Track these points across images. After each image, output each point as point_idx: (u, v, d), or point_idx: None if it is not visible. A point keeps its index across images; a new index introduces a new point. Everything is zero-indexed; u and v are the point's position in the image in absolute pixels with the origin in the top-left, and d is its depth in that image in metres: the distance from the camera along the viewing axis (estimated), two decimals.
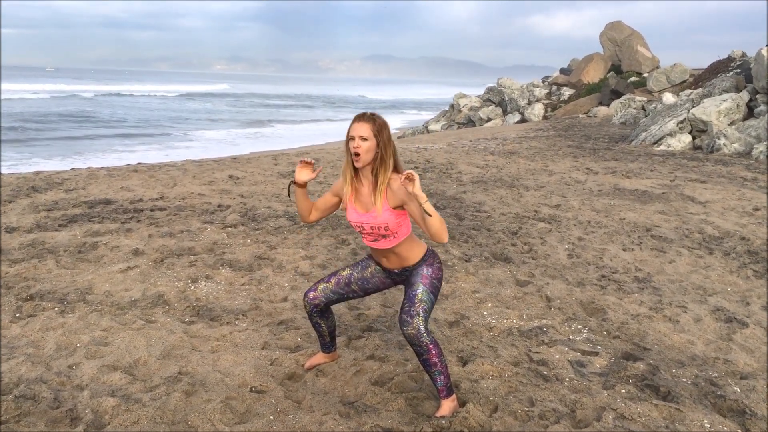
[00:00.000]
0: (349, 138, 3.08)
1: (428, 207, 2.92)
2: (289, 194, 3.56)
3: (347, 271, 3.44)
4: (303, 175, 3.23)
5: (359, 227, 3.20)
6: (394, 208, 3.09)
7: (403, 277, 3.31)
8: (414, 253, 3.24)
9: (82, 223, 6.82)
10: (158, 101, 55.15)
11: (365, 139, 3.03)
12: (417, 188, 2.87)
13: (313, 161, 3.23)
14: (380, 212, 3.08)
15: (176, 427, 3.05)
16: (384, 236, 3.17)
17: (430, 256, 3.27)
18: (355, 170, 3.15)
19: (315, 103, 65.21)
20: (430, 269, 3.24)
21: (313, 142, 21.64)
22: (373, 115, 3.11)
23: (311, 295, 3.44)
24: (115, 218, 7.07)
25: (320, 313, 3.49)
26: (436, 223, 2.95)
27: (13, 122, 28.72)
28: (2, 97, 42.88)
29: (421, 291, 3.16)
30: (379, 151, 3.06)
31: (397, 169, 3.12)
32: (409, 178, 2.87)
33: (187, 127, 32.10)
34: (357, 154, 3.04)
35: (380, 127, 3.06)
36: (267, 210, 7.67)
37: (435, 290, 3.21)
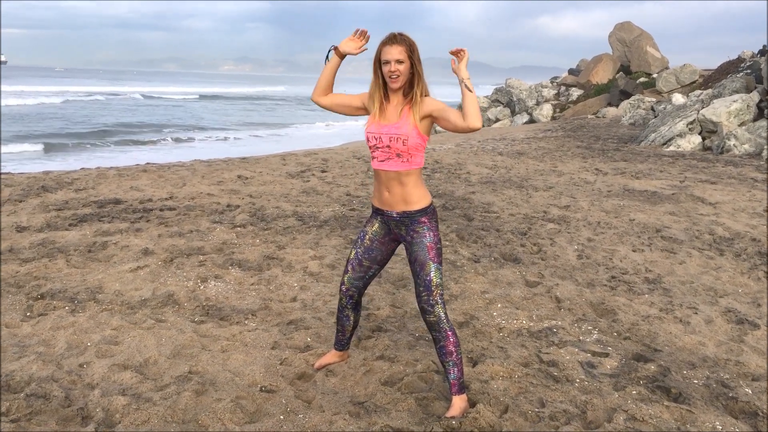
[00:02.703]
0: (383, 62, 3.04)
1: (469, 83, 2.93)
2: (327, 57, 3.26)
3: (353, 253, 3.42)
4: (349, 45, 3.18)
5: (376, 139, 3.10)
6: (420, 123, 3.05)
7: (402, 229, 3.21)
8: (417, 193, 3.15)
9: (92, 222, 6.85)
10: (227, 103, 53.80)
11: (401, 62, 3.02)
12: (464, 65, 2.96)
13: (367, 35, 3.18)
14: (406, 123, 3.04)
15: (186, 427, 3.06)
16: (398, 154, 3.07)
17: (431, 211, 3.20)
18: (385, 93, 3.12)
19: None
20: (431, 233, 3.17)
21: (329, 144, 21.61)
22: (402, 35, 3.07)
23: (344, 288, 3.46)
24: (124, 218, 7.10)
25: (354, 305, 3.51)
26: (475, 101, 2.92)
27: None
28: (46, 101, 42.69)
29: (433, 272, 3.14)
30: (414, 72, 3.05)
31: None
32: (460, 55, 2.97)
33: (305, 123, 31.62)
34: (396, 77, 3.02)
35: (412, 47, 3.05)
36: (276, 210, 7.68)
37: (441, 257, 3.19)
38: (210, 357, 3.79)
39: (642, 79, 29.19)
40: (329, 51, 3.24)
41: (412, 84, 3.08)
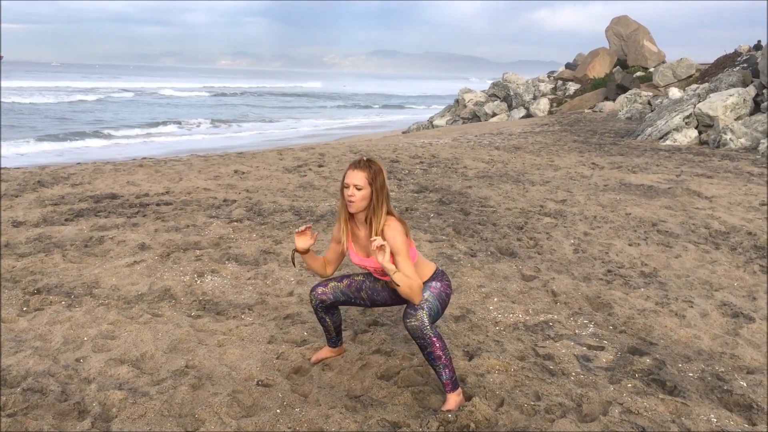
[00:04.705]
0: (344, 185, 3.13)
1: (397, 278, 2.98)
2: (293, 262, 3.57)
3: (361, 278, 3.48)
4: (302, 242, 3.29)
5: (363, 268, 3.32)
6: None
7: None
8: (422, 274, 3.23)
9: (88, 217, 6.85)
10: (290, 98, 53.90)
11: (359, 189, 3.09)
12: (385, 260, 2.95)
13: (309, 227, 3.28)
14: (378, 262, 3.07)
15: (183, 421, 3.06)
16: (385, 273, 3.17)
17: (438, 275, 3.29)
18: (350, 214, 3.22)
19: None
20: (438, 283, 3.26)
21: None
22: (369, 161, 3.14)
23: (320, 290, 3.46)
24: (121, 213, 7.09)
25: (325, 309, 3.52)
26: (405, 290, 3.01)
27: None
28: (77, 99, 42.67)
29: (427, 294, 3.18)
30: (372, 200, 3.11)
31: (390, 213, 3.15)
32: (379, 249, 2.95)
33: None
34: (351, 202, 3.11)
35: (375, 175, 3.11)
36: (272, 204, 7.67)
37: (441, 300, 3.22)
38: (206, 351, 3.80)
39: (639, 74, 29.21)
40: (292, 255, 3.50)
41: (376, 207, 3.12)
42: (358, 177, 3.09)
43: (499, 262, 5.68)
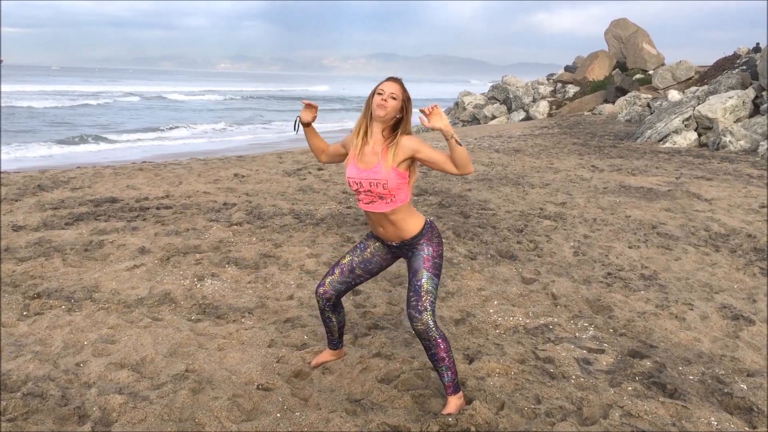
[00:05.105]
0: (377, 93, 3.11)
1: (457, 138, 2.95)
2: (295, 128, 3.49)
3: (347, 258, 3.44)
4: (306, 115, 3.38)
5: (357, 184, 3.16)
6: (398, 165, 3.07)
7: (404, 250, 3.28)
8: (411, 224, 3.19)
9: (88, 221, 6.85)
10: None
11: (394, 98, 3.08)
12: (444, 120, 2.94)
13: (317, 104, 3.39)
14: (384, 167, 3.06)
15: (183, 425, 3.06)
16: (381, 197, 3.12)
17: (428, 230, 3.22)
18: (367, 131, 3.17)
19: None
20: (430, 248, 3.20)
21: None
22: (402, 81, 3.17)
23: (321, 290, 3.45)
24: (121, 216, 7.09)
25: (333, 307, 3.51)
26: (464, 153, 2.96)
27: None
28: (82, 103, 42.84)
29: (425, 280, 3.14)
30: (403, 115, 3.12)
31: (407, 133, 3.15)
32: (435, 113, 2.94)
33: None
34: (383, 107, 3.07)
35: (408, 95, 3.14)
36: (272, 208, 7.68)
37: (438, 270, 3.20)
38: (207, 355, 3.80)
39: (638, 76, 29.23)
40: (296, 123, 3.47)
41: (396, 128, 3.12)
42: (395, 88, 3.10)
43: (499, 265, 5.68)
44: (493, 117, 29.60)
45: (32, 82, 71.37)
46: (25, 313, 4.40)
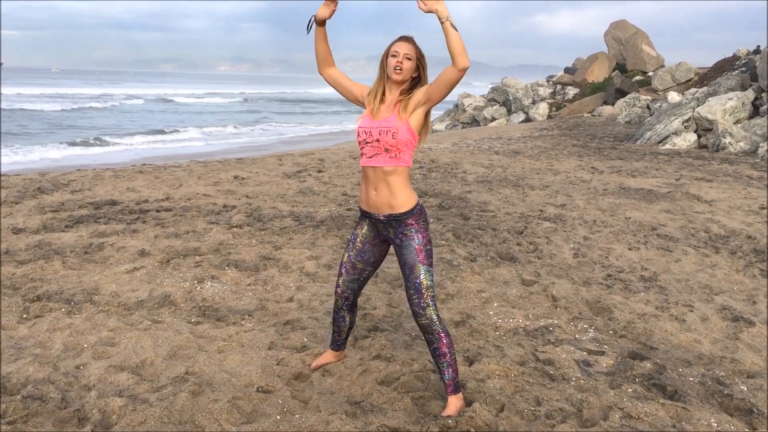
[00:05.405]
0: (391, 55, 3.09)
1: (453, 21, 2.88)
2: (308, 27, 3.28)
3: (346, 256, 3.44)
4: (324, 11, 3.19)
5: (366, 133, 3.12)
6: (410, 117, 3.06)
7: (390, 231, 3.21)
8: (404, 195, 3.15)
9: (88, 224, 6.85)
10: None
11: (409, 59, 3.07)
12: (441, 3, 2.86)
13: (336, 4, 3.20)
14: (397, 118, 3.05)
15: (183, 427, 3.06)
16: (387, 149, 3.09)
17: (418, 212, 3.20)
18: (384, 91, 3.16)
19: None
20: (420, 235, 3.18)
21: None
22: (413, 39, 3.14)
23: (339, 290, 3.48)
24: (121, 219, 7.09)
25: (350, 306, 3.54)
26: (459, 39, 2.87)
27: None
28: (88, 105, 42.95)
29: (423, 275, 3.14)
30: (419, 74, 3.12)
31: None
32: None
33: None
34: (400, 70, 3.06)
35: (422, 53, 3.12)
36: (272, 210, 7.68)
37: (431, 258, 3.20)
38: (206, 358, 3.80)
39: (638, 78, 29.25)
40: (310, 21, 3.26)
41: (413, 88, 3.12)
42: (408, 48, 3.07)
43: (498, 266, 5.68)
44: (493, 119, 29.62)
45: (32, 85, 71.30)
46: (25, 315, 4.40)
